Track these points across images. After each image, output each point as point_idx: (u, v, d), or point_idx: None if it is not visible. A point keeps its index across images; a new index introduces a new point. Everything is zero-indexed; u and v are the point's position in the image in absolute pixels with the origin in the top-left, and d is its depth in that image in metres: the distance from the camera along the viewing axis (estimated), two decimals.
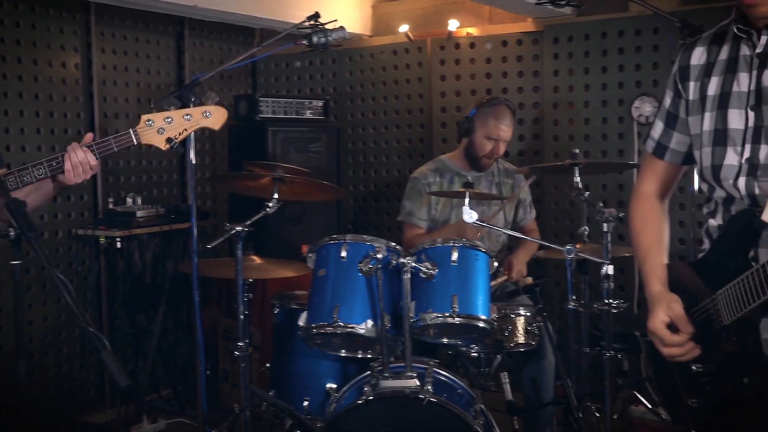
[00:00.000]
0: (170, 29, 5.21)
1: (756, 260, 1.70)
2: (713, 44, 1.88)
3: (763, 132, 1.72)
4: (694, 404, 1.84)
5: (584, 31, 4.61)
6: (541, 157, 4.79)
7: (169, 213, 4.63)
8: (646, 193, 2.08)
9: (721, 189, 1.83)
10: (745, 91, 1.76)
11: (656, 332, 1.82)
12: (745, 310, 1.67)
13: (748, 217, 1.72)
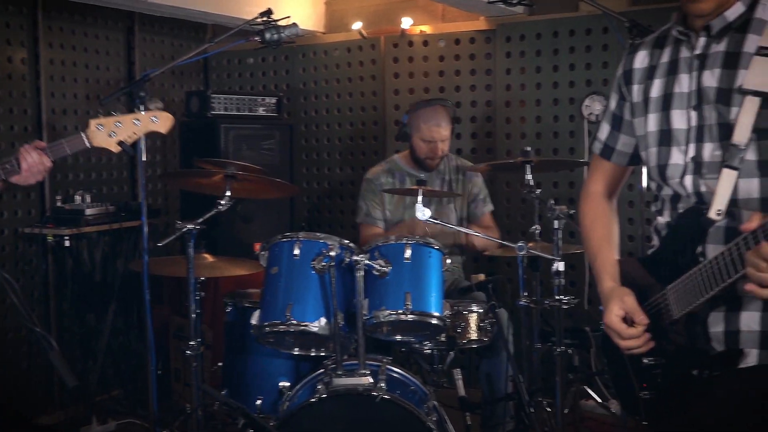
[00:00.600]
0: (120, 24, 5.13)
1: (704, 256, 1.73)
2: (655, 48, 1.92)
3: (705, 131, 1.76)
4: (646, 396, 1.87)
5: (536, 30, 4.65)
6: (493, 154, 4.82)
7: (119, 211, 4.56)
8: (594, 193, 2.12)
9: (668, 187, 1.86)
10: (687, 92, 1.79)
11: (612, 326, 1.84)
12: (693, 305, 1.70)
13: (696, 215, 1.75)
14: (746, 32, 1.71)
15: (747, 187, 1.70)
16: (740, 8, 1.72)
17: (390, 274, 2.99)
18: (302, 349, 3.14)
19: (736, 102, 1.70)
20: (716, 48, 1.75)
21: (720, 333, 1.74)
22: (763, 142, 1.67)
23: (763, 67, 1.65)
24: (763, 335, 1.71)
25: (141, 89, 2.99)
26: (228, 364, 3.37)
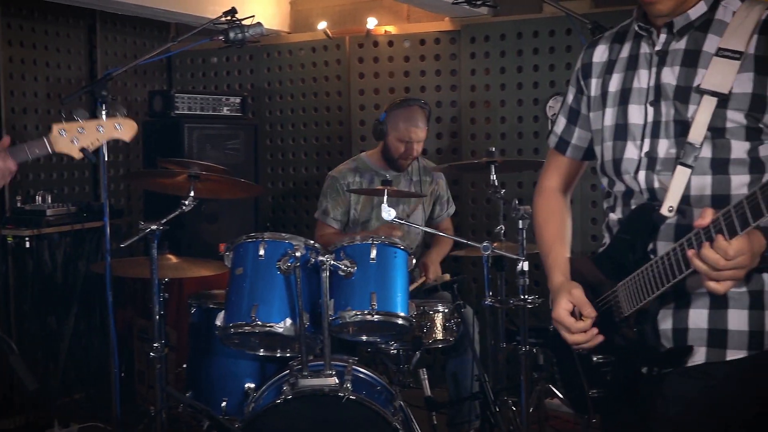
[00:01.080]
0: (81, 22, 5.07)
1: (654, 253, 1.74)
2: (615, 42, 1.92)
3: (661, 127, 1.76)
4: (595, 394, 1.87)
5: (500, 31, 4.68)
6: (458, 155, 4.84)
7: (81, 211, 4.50)
8: (549, 188, 2.12)
9: (622, 183, 1.86)
10: (645, 87, 1.80)
11: (561, 320, 1.84)
12: (643, 302, 1.71)
13: (648, 211, 1.76)
14: (707, 32, 1.73)
15: (699, 185, 1.71)
16: (703, 8, 1.73)
17: (356, 274, 2.99)
18: (268, 350, 3.12)
19: (693, 100, 1.71)
20: (676, 45, 1.76)
21: (668, 330, 1.76)
22: (718, 141, 1.68)
23: (721, 67, 1.67)
24: (710, 333, 1.72)
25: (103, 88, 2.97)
26: (193, 365, 3.35)
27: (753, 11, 1.69)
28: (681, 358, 1.72)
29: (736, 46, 1.66)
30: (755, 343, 1.72)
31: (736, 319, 1.72)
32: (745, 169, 1.70)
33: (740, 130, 1.67)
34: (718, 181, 1.70)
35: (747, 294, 1.71)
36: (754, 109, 1.66)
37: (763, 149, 1.70)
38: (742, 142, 1.68)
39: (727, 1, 1.74)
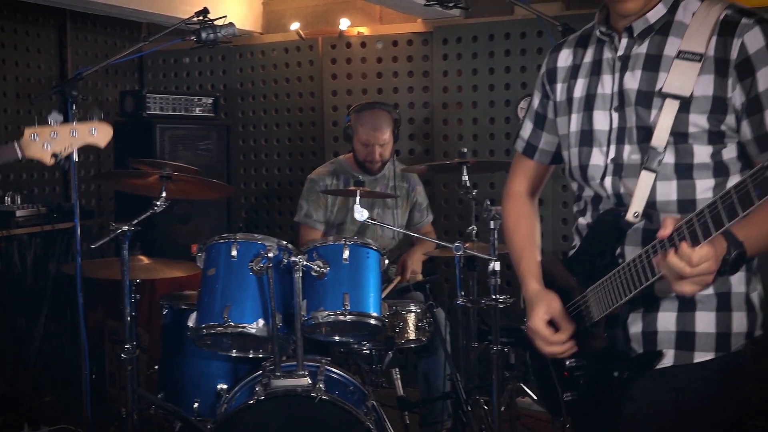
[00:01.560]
0: (51, 22, 5.02)
1: (622, 258, 1.75)
2: (578, 46, 1.92)
3: (626, 132, 1.76)
4: (568, 398, 1.87)
5: (472, 33, 4.70)
6: (431, 155, 4.86)
7: (51, 212, 4.45)
8: (517, 192, 2.11)
9: (590, 188, 1.86)
10: (609, 93, 1.80)
11: (538, 332, 1.83)
12: (613, 306, 1.71)
13: (614, 216, 1.76)
14: (667, 35, 1.72)
15: (665, 190, 1.71)
16: (661, 10, 1.73)
17: (328, 274, 2.99)
18: (240, 350, 3.11)
19: (655, 105, 1.70)
20: (638, 50, 1.75)
21: (638, 334, 1.77)
22: (681, 146, 1.69)
23: (682, 70, 1.66)
24: (678, 335, 1.73)
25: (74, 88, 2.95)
26: (165, 367, 3.33)
27: (712, 11, 1.68)
28: (651, 361, 1.73)
29: (697, 48, 1.66)
30: (722, 344, 1.73)
31: (704, 322, 1.73)
32: (709, 173, 1.70)
33: (703, 134, 1.68)
34: (682, 185, 1.71)
35: (714, 296, 1.72)
36: (716, 112, 1.66)
37: (726, 153, 1.70)
38: (705, 147, 1.68)
39: (687, 1, 1.73)
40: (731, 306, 1.74)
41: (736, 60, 1.63)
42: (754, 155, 1.67)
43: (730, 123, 1.67)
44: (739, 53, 1.63)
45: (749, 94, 1.63)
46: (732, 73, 1.64)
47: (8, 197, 4.42)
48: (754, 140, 1.65)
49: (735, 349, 1.74)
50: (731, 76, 1.64)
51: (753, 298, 1.77)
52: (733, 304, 1.74)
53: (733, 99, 1.65)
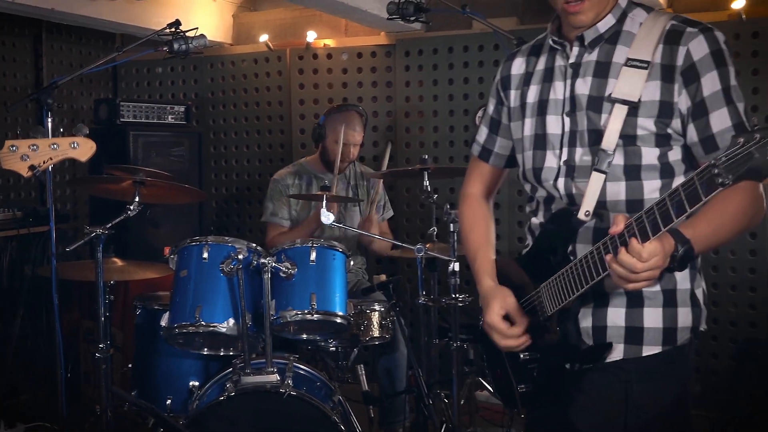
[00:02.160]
0: (27, 32, 4.93)
1: (574, 255, 1.76)
2: (531, 55, 1.93)
3: (577, 136, 1.78)
4: (522, 389, 1.88)
5: (433, 46, 4.72)
6: (394, 162, 4.86)
7: (27, 216, 4.38)
8: (473, 194, 2.11)
9: (543, 189, 1.87)
10: (561, 98, 1.81)
11: (494, 326, 1.83)
12: (565, 302, 1.72)
13: (566, 215, 1.78)
14: (616, 43, 1.74)
15: (614, 190, 1.73)
16: (611, 20, 1.75)
17: (296, 275, 2.98)
18: (211, 349, 3.09)
19: (605, 109, 1.72)
20: (588, 57, 1.77)
21: (589, 328, 1.78)
22: (629, 148, 1.71)
23: (630, 77, 1.68)
24: (627, 330, 1.75)
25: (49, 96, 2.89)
26: (138, 365, 3.29)
27: (658, 22, 1.71)
28: (601, 354, 1.74)
29: (644, 56, 1.68)
30: (669, 339, 1.75)
31: (651, 317, 1.75)
32: (656, 174, 1.72)
33: (650, 137, 1.70)
34: (631, 186, 1.73)
35: (661, 293, 1.74)
36: (663, 116, 1.68)
37: (672, 155, 1.72)
38: (652, 149, 1.71)
39: (634, 13, 1.76)
40: (677, 302, 1.76)
41: (681, 66, 1.66)
42: (700, 156, 1.69)
43: (675, 126, 1.69)
44: (685, 60, 1.66)
45: (695, 99, 1.66)
46: (678, 79, 1.66)
47: None
48: (699, 142, 1.68)
49: (680, 343, 1.76)
50: (677, 81, 1.66)
51: (697, 294, 1.79)
52: (679, 300, 1.76)
53: (679, 104, 1.67)
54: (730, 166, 1.29)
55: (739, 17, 4.10)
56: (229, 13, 5.36)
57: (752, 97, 4.09)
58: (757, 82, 4.09)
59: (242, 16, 5.39)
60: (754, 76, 4.09)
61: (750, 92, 4.09)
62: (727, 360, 4.23)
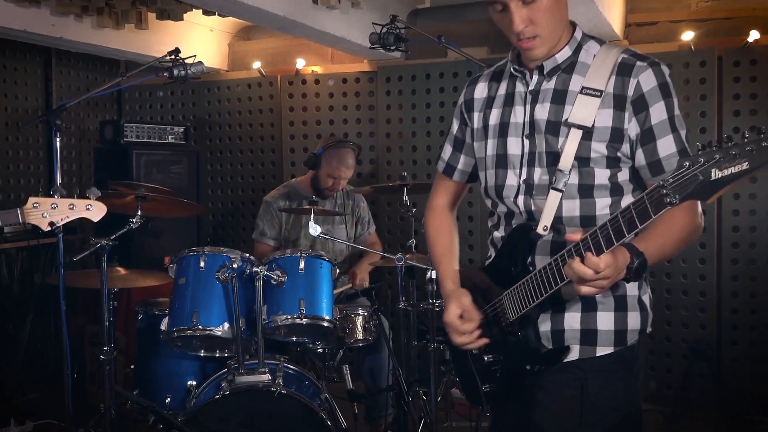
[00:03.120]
0: (38, 58, 4.91)
1: (533, 266, 1.76)
2: (492, 80, 1.93)
3: (536, 157, 1.78)
4: (487, 389, 1.87)
5: (412, 73, 4.74)
6: (376, 178, 4.87)
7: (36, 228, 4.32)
8: (438, 206, 2.11)
9: (503, 205, 1.86)
10: (521, 122, 1.81)
11: (450, 323, 1.85)
12: (526, 309, 1.72)
13: (526, 230, 1.78)
14: (572, 73, 1.75)
15: (569, 207, 1.73)
16: (568, 52, 1.76)
17: (286, 283, 2.97)
18: (208, 351, 3.07)
19: (562, 133, 1.72)
20: (547, 85, 1.77)
21: (548, 332, 1.78)
22: (584, 169, 1.71)
23: (585, 104, 1.69)
24: (582, 333, 1.75)
25: (57, 118, 2.87)
26: (140, 366, 3.26)
27: (610, 54, 1.72)
28: (559, 357, 1.75)
29: (597, 85, 1.69)
30: (620, 340, 1.76)
31: (604, 321, 1.75)
32: (606, 193, 1.73)
33: (602, 159, 1.70)
34: (584, 203, 1.73)
35: (612, 299, 1.75)
36: (614, 140, 1.69)
37: (621, 175, 1.73)
38: (603, 170, 1.71)
39: (588, 45, 1.77)
40: (627, 307, 1.77)
41: (632, 97, 1.67)
42: (647, 178, 1.71)
43: (625, 150, 1.70)
44: (635, 91, 1.67)
45: (643, 126, 1.67)
46: (629, 107, 1.67)
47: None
48: (647, 165, 1.69)
49: (630, 344, 1.77)
50: (628, 110, 1.67)
51: (644, 299, 1.81)
52: (629, 305, 1.77)
53: (628, 130, 1.68)
54: (677, 187, 1.32)
55: (688, 48, 4.16)
56: (225, 42, 5.36)
57: (700, 120, 4.14)
58: (704, 106, 4.14)
59: (237, 45, 5.39)
60: (702, 101, 4.14)
61: (698, 115, 4.14)
62: (679, 359, 4.26)
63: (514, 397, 1.82)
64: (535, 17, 1.66)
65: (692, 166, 1.30)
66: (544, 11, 1.66)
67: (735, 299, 4.18)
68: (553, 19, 1.68)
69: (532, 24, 1.67)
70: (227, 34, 5.35)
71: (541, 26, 1.67)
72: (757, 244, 4.12)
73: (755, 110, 4.09)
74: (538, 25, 1.67)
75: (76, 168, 5.14)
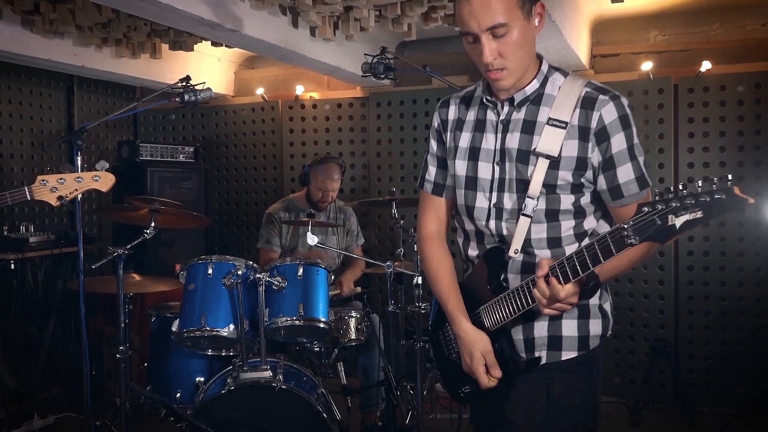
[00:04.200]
0: (61, 84, 4.89)
1: (507, 282, 1.76)
2: (462, 104, 1.87)
3: (506, 183, 1.74)
4: (467, 390, 1.86)
5: (400, 99, 4.75)
6: (368, 193, 4.87)
7: (59, 239, 4.31)
8: (431, 235, 1.94)
9: (474, 225, 1.82)
10: (492, 149, 1.76)
11: (478, 374, 1.76)
12: (503, 323, 1.72)
13: (500, 252, 1.76)
14: (539, 104, 1.72)
15: (537, 230, 1.72)
16: (536, 85, 1.72)
17: (286, 288, 2.96)
18: (215, 350, 3.05)
19: (531, 162, 1.68)
20: (517, 116, 1.74)
21: (521, 340, 1.77)
22: (551, 195, 1.69)
23: (551, 135, 1.67)
24: (550, 339, 1.75)
25: (78, 138, 2.86)
26: (152, 364, 3.23)
27: (575, 86, 1.69)
28: (533, 367, 1.74)
29: (563, 117, 1.67)
30: (583, 344, 1.76)
31: (569, 328, 1.75)
32: (570, 216, 1.72)
33: (567, 186, 1.68)
34: (551, 226, 1.72)
35: (576, 308, 1.72)
36: (578, 169, 1.67)
37: (584, 199, 1.72)
38: (568, 195, 1.70)
39: (554, 77, 1.73)
40: (589, 314, 1.76)
41: (595, 129, 1.65)
42: (608, 201, 1.71)
43: (588, 177, 1.69)
44: (597, 123, 1.65)
45: (605, 155, 1.66)
46: (591, 138, 1.65)
47: (23, 226, 4.27)
48: (608, 190, 1.69)
49: (592, 348, 1.77)
50: (591, 141, 1.66)
51: (605, 307, 1.80)
52: (591, 313, 1.77)
53: (591, 158, 1.67)
54: (637, 230, 1.33)
55: (647, 77, 4.19)
56: (231, 70, 5.36)
57: (659, 141, 4.17)
58: (662, 128, 4.17)
59: (242, 73, 5.39)
60: (660, 124, 4.17)
61: (657, 137, 4.17)
62: (642, 356, 4.26)
63: (489, 396, 1.80)
64: (504, 50, 1.63)
65: (651, 212, 1.30)
66: (513, 45, 1.62)
67: (691, 302, 4.20)
68: (520, 52, 1.65)
69: (501, 57, 1.63)
70: (233, 63, 5.35)
71: (509, 59, 1.64)
72: (710, 252, 4.15)
73: (707, 132, 4.12)
74: (506, 57, 1.64)
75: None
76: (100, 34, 3.88)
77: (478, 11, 1.59)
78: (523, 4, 1.62)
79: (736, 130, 4.07)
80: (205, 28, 3.24)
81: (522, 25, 1.62)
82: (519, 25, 1.61)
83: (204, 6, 3.07)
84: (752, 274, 4.07)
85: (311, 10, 3.43)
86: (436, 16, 3.59)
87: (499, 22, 1.59)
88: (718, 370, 4.14)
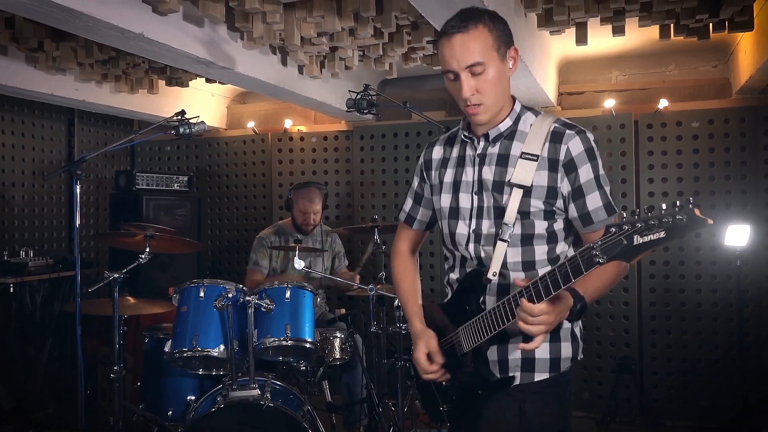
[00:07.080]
0: (62, 117, 4.87)
1: (484, 304, 1.76)
2: (447, 144, 1.92)
3: (484, 211, 1.77)
4: (445, 409, 1.85)
5: (382, 132, 4.78)
6: (351, 220, 4.86)
7: (57, 263, 4.25)
8: (402, 252, 2.07)
9: (458, 251, 1.85)
10: (471, 180, 1.80)
11: (418, 362, 1.82)
12: (478, 342, 1.71)
13: (478, 275, 1.77)
14: (513, 140, 1.75)
15: (513, 254, 1.73)
16: (509, 122, 1.76)
17: (274, 310, 2.94)
18: (206, 369, 3.00)
19: (506, 191, 1.70)
20: (492, 150, 1.77)
21: (495, 361, 1.77)
22: (525, 221, 1.71)
23: (524, 167, 1.70)
24: (523, 361, 1.75)
25: (78, 168, 2.83)
26: (146, 383, 3.17)
27: (544, 123, 1.73)
28: (506, 384, 1.74)
29: (534, 151, 1.70)
30: (554, 366, 1.75)
31: (541, 350, 1.74)
32: (544, 241, 1.73)
33: (540, 212, 1.70)
34: (525, 251, 1.73)
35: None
36: (549, 197, 1.69)
37: (557, 225, 1.73)
38: (541, 221, 1.71)
39: (526, 116, 1.77)
40: (560, 338, 1.76)
41: (563, 160, 1.68)
42: (579, 227, 1.72)
43: (559, 205, 1.71)
44: (566, 155, 1.68)
45: (573, 185, 1.68)
46: (561, 169, 1.68)
47: (22, 251, 4.21)
48: (578, 218, 1.70)
49: (563, 370, 1.76)
50: (560, 171, 1.68)
51: (576, 331, 1.80)
52: (562, 336, 1.76)
53: (561, 188, 1.69)
54: (605, 249, 1.34)
55: (610, 113, 4.26)
56: (224, 105, 5.37)
57: (621, 172, 4.23)
58: (624, 161, 4.23)
59: (234, 108, 5.40)
60: (622, 157, 4.23)
61: (620, 168, 4.23)
62: (608, 373, 4.26)
63: (467, 415, 1.79)
64: (481, 87, 1.67)
65: (617, 233, 1.32)
66: (489, 83, 1.67)
67: (653, 321, 4.22)
68: (496, 89, 1.69)
69: (478, 93, 1.67)
70: (226, 99, 5.36)
71: (485, 95, 1.68)
72: (670, 275, 4.19)
73: (666, 164, 4.19)
74: (483, 94, 1.68)
75: (93, 211, 5.06)
76: (100, 71, 3.88)
77: (459, 51, 1.65)
78: (499, 47, 1.67)
79: (692, 162, 4.14)
80: (199, 65, 3.25)
81: (497, 66, 1.67)
82: (495, 65, 1.66)
83: (199, 45, 3.08)
84: (709, 295, 4.11)
85: (299, 50, 3.45)
86: (416, 56, 3.64)
87: (477, 61, 1.64)
88: (681, 385, 4.15)
